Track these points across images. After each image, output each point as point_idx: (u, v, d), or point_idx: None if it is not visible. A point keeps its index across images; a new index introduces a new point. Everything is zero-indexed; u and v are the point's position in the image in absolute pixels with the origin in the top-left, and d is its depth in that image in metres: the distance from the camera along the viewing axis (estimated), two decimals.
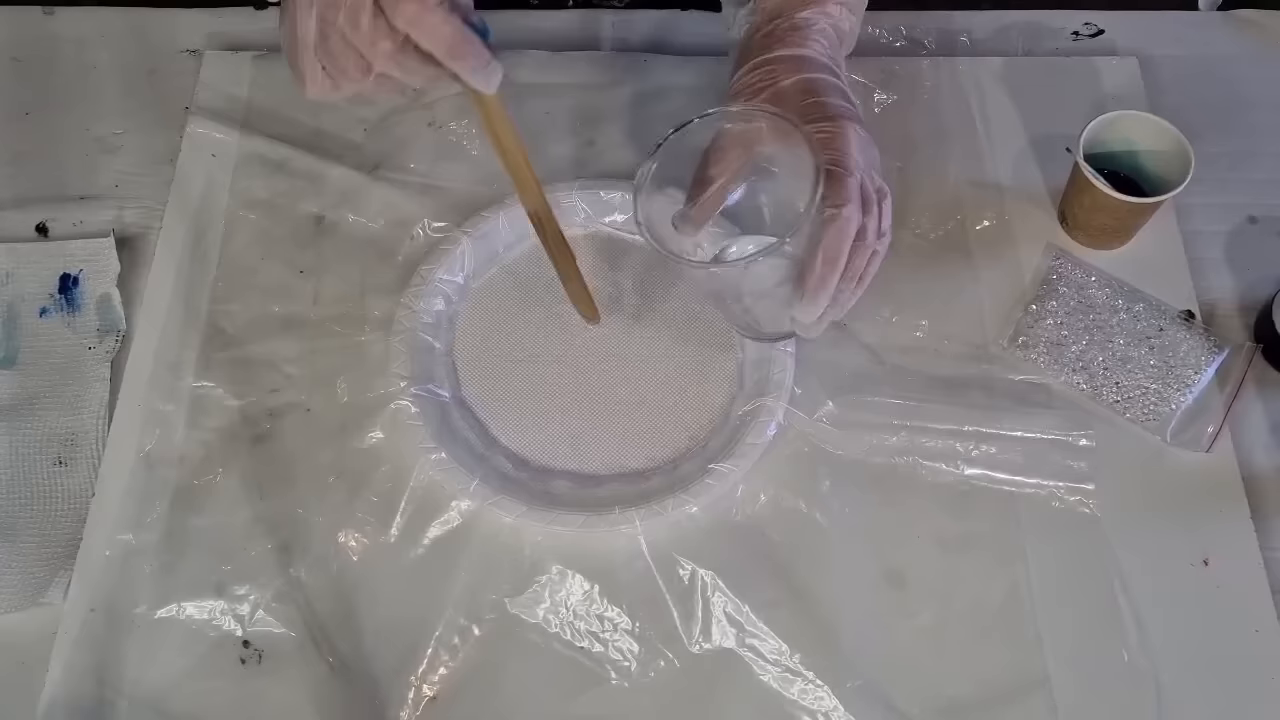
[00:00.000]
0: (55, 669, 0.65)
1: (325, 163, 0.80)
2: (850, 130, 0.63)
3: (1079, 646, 0.65)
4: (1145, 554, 0.67)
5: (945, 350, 0.74)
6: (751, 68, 0.68)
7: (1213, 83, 0.85)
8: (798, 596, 0.66)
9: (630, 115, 0.83)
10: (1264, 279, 0.76)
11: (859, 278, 0.63)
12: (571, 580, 0.67)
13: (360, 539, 0.68)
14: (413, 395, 0.70)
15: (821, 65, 0.67)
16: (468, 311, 0.76)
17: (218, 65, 0.86)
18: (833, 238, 0.60)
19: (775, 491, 0.69)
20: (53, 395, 0.73)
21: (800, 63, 0.67)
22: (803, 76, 0.66)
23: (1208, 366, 0.72)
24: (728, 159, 0.66)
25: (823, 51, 0.68)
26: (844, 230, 0.60)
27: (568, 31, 0.89)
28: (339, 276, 0.77)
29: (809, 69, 0.67)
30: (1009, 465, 0.69)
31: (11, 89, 0.86)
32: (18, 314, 0.76)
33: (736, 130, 0.65)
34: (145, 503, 0.69)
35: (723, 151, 0.66)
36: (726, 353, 0.74)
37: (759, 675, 0.64)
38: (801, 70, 0.67)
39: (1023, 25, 0.89)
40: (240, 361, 0.74)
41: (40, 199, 0.81)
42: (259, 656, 0.65)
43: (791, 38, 0.68)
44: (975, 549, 0.68)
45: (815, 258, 0.61)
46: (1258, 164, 0.81)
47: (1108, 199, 0.72)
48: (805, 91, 0.65)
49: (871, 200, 0.63)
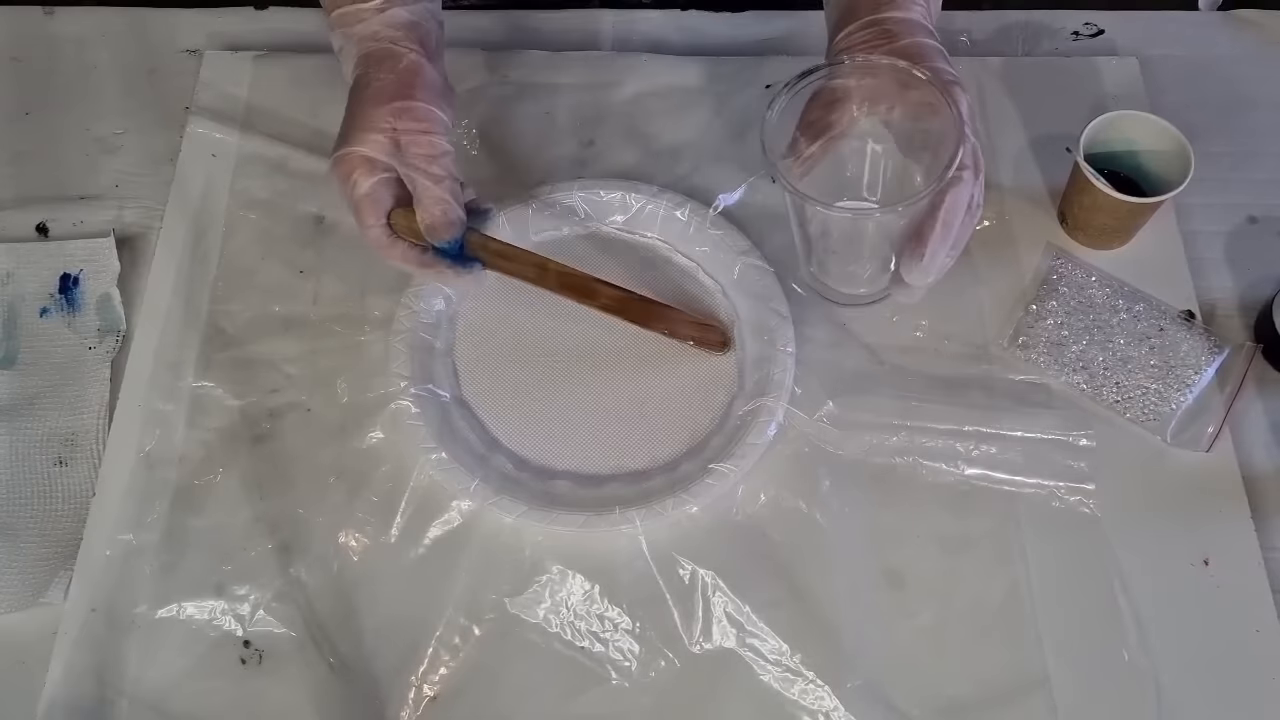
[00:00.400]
0: (55, 669, 0.65)
1: (325, 162, 0.80)
2: (961, 97, 0.64)
3: (1079, 646, 0.65)
4: (1145, 554, 0.67)
5: (945, 350, 0.74)
6: (862, 25, 0.67)
7: (1213, 83, 0.85)
8: (798, 596, 0.66)
9: (630, 115, 0.83)
10: (1264, 279, 0.76)
11: (959, 246, 0.64)
12: (572, 580, 0.67)
13: (360, 539, 0.68)
14: (413, 395, 0.70)
15: (928, 30, 0.67)
16: (468, 311, 0.76)
17: (218, 65, 0.86)
18: (952, 200, 0.61)
19: (775, 491, 0.69)
20: (53, 395, 0.73)
21: (912, 26, 0.67)
22: (916, 40, 0.66)
23: (1208, 366, 0.72)
24: (840, 110, 0.65)
25: (925, 15, 0.68)
26: (963, 194, 0.62)
27: (568, 31, 0.89)
28: (339, 276, 0.77)
29: (920, 33, 0.66)
30: (1009, 465, 0.69)
31: (11, 89, 0.86)
32: (18, 314, 0.76)
33: (851, 84, 0.65)
34: (145, 503, 0.69)
35: (835, 103, 0.65)
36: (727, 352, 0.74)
37: (759, 675, 0.64)
38: (914, 33, 0.66)
39: (1023, 25, 0.89)
40: (240, 361, 0.74)
41: (40, 199, 0.81)
42: (259, 656, 0.65)
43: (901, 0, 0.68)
44: (975, 549, 0.68)
45: (935, 218, 0.61)
46: (1258, 164, 0.81)
47: (1108, 199, 0.72)
48: (919, 55, 0.65)
49: (981, 169, 0.64)
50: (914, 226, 0.63)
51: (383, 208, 0.67)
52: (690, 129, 0.82)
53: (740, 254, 0.75)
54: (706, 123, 0.82)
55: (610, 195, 0.77)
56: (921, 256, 0.62)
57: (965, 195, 0.62)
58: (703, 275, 0.77)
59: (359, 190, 0.66)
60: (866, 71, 0.65)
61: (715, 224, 0.76)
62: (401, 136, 0.65)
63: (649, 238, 0.78)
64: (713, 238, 0.76)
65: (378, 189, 0.67)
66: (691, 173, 0.80)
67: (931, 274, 0.64)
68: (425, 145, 0.66)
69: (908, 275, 0.64)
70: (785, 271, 0.75)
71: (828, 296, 0.74)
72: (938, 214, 0.62)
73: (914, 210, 0.62)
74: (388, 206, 0.68)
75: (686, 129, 0.82)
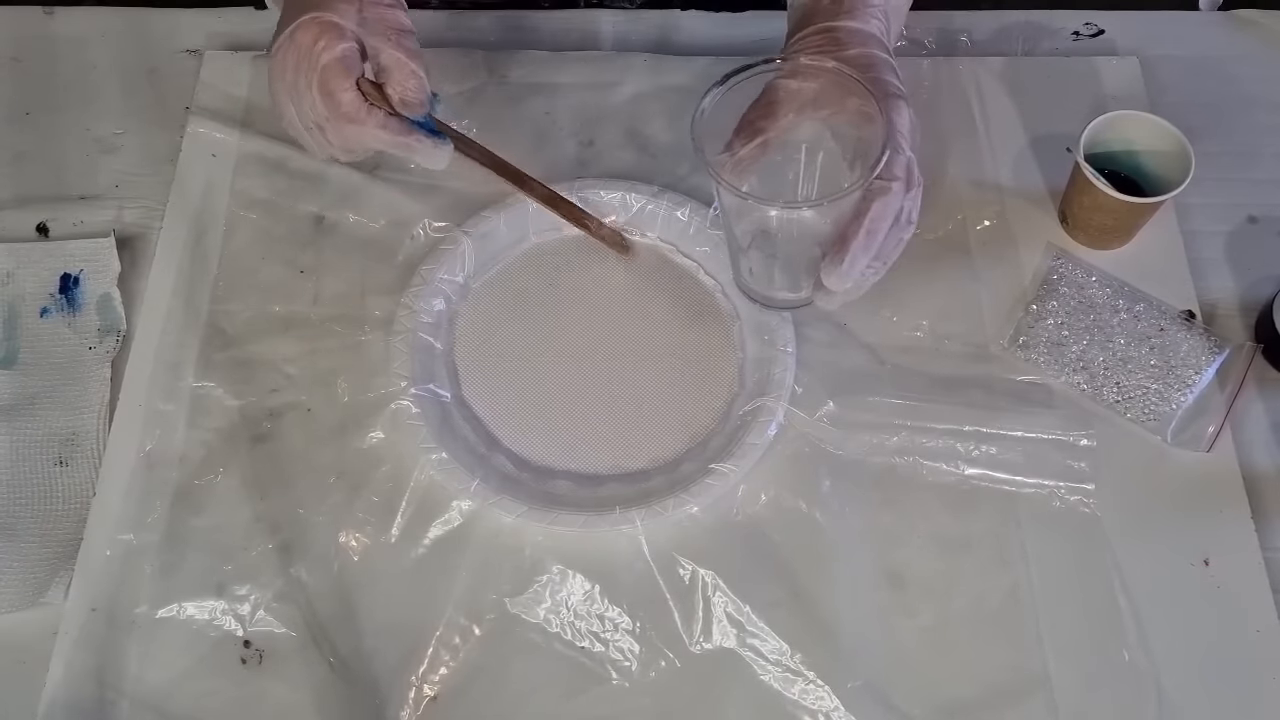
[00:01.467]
0: (56, 669, 0.65)
1: (325, 162, 0.80)
2: (904, 110, 0.64)
3: (1079, 646, 0.65)
4: (1145, 554, 0.67)
5: (945, 350, 0.74)
6: (815, 31, 0.68)
7: (1213, 83, 0.85)
8: (798, 596, 0.66)
9: (630, 115, 0.83)
10: (1264, 279, 0.76)
11: (885, 258, 0.64)
12: (572, 580, 0.67)
13: (361, 539, 0.68)
14: (413, 395, 0.70)
15: (879, 43, 0.68)
16: (468, 311, 0.76)
17: (218, 65, 0.86)
18: (880, 208, 0.61)
19: (776, 491, 0.69)
20: (53, 395, 0.73)
21: (864, 36, 0.67)
22: (866, 50, 0.66)
23: (1208, 366, 0.72)
24: (779, 113, 0.65)
25: (880, 29, 0.69)
26: (890, 204, 0.61)
27: (568, 31, 0.89)
28: (339, 276, 0.77)
29: (871, 44, 0.67)
30: (1009, 465, 0.69)
31: (11, 89, 0.86)
32: (18, 314, 0.76)
33: (793, 86, 0.65)
34: (145, 503, 0.69)
35: (775, 105, 0.65)
36: (726, 353, 0.74)
37: (759, 675, 0.64)
38: (866, 44, 0.66)
39: (1023, 25, 0.89)
40: (240, 361, 0.74)
41: (40, 199, 0.81)
42: (260, 656, 0.65)
43: (858, 10, 0.68)
44: (975, 549, 0.68)
45: (859, 225, 0.61)
46: (1258, 164, 0.81)
47: (1108, 199, 0.72)
48: (866, 65, 0.65)
49: (915, 183, 0.64)
50: (839, 231, 0.63)
51: (354, 74, 0.64)
52: None
53: None
54: None
55: (610, 195, 0.77)
56: (842, 261, 0.62)
57: (893, 205, 0.62)
58: (703, 275, 0.77)
59: (328, 55, 0.63)
60: (806, 75, 0.65)
61: (715, 224, 0.76)
62: (367, 9, 0.64)
63: (649, 238, 0.78)
64: (713, 238, 0.76)
65: (349, 54, 0.64)
66: (691, 173, 0.80)
67: (849, 280, 0.63)
68: (394, 19, 0.64)
69: (827, 279, 0.63)
70: None
71: (754, 299, 0.73)
72: (863, 220, 0.61)
73: (839, 212, 0.62)
74: (358, 74, 0.64)
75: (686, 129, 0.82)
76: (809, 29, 0.68)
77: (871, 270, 0.64)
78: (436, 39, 0.87)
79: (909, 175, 0.63)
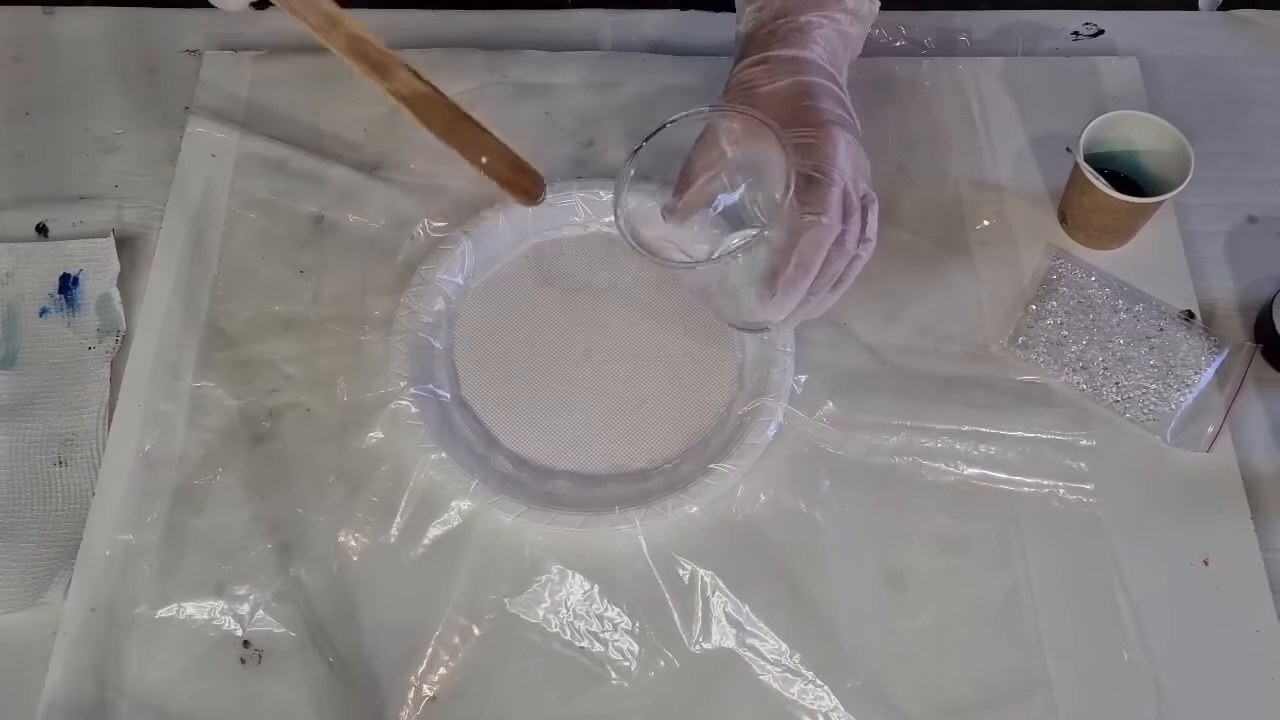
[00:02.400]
0: (55, 669, 0.65)
1: (325, 162, 0.80)
2: (838, 136, 0.63)
3: (1079, 646, 0.65)
4: (1145, 554, 0.67)
5: (945, 350, 0.74)
6: (750, 63, 0.68)
7: (1213, 83, 0.85)
8: (798, 596, 0.66)
9: (630, 115, 0.83)
10: (1264, 279, 0.76)
11: (838, 281, 0.64)
12: (571, 580, 0.67)
13: (360, 539, 0.68)
14: (413, 395, 0.70)
15: (819, 69, 0.68)
16: (467, 311, 0.76)
17: (218, 65, 0.86)
18: (806, 243, 0.61)
19: (775, 491, 0.69)
20: (53, 395, 0.73)
21: (798, 64, 0.67)
22: (799, 79, 0.66)
23: (1208, 366, 0.72)
24: (710, 155, 0.66)
25: (822, 56, 0.68)
26: (818, 237, 0.61)
27: (568, 31, 0.89)
28: (339, 276, 0.77)
29: (806, 71, 0.67)
30: (1009, 465, 0.69)
31: (11, 89, 0.86)
32: (18, 314, 0.76)
33: (723, 127, 0.65)
34: (145, 503, 0.69)
35: (707, 147, 0.66)
36: (726, 353, 0.74)
37: (759, 675, 0.64)
38: (798, 72, 0.67)
39: (1023, 25, 0.89)
40: (240, 361, 0.74)
41: (40, 199, 0.81)
42: (259, 656, 0.65)
43: (793, 38, 0.68)
44: (975, 549, 0.68)
45: (789, 261, 0.61)
46: (1258, 164, 0.81)
47: (1108, 199, 0.72)
48: (799, 94, 0.66)
49: (854, 208, 0.63)
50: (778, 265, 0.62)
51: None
52: None
53: None
54: None
55: (610, 195, 0.77)
56: (772, 294, 0.61)
57: (824, 238, 0.61)
58: None
59: None
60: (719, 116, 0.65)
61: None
62: None
63: None
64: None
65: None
66: None
67: (786, 312, 0.63)
68: None
69: (764, 312, 0.63)
70: None
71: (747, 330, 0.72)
72: (790, 255, 0.61)
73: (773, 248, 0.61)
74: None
75: None
76: (747, 59, 0.69)
77: (818, 298, 0.64)
78: (436, 39, 0.87)
79: (846, 204, 0.62)
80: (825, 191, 0.61)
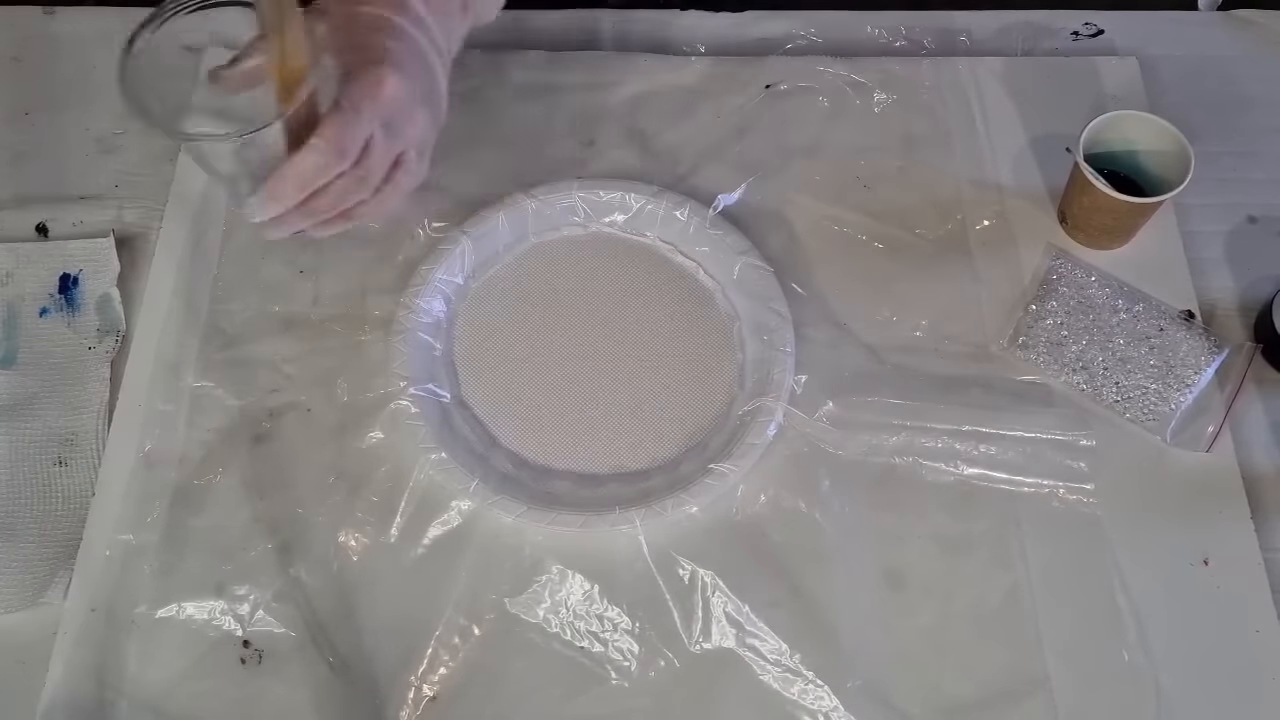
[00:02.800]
0: (55, 669, 0.65)
1: None
2: (387, 78, 0.60)
3: (1079, 646, 0.65)
4: (1145, 554, 0.67)
5: (945, 350, 0.74)
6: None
7: (1213, 83, 0.85)
8: (798, 596, 0.66)
9: (630, 115, 0.83)
10: (1264, 279, 0.76)
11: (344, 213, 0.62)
12: (571, 580, 0.67)
13: (360, 539, 0.68)
14: (413, 395, 0.70)
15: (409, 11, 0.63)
16: (468, 311, 0.76)
17: None
18: (291, 164, 0.58)
19: (775, 491, 0.69)
20: (53, 395, 0.73)
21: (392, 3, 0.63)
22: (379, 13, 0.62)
23: (1208, 366, 0.72)
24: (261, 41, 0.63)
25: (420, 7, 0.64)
26: (302, 160, 0.58)
27: (568, 31, 0.89)
28: (339, 276, 0.77)
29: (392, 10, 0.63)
30: (1009, 465, 0.69)
31: (11, 89, 0.86)
32: (18, 314, 0.76)
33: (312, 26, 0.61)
34: (145, 503, 0.69)
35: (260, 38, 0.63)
36: (726, 353, 0.74)
37: (759, 675, 0.64)
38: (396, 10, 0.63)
39: (1023, 25, 0.89)
40: (240, 361, 0.74)
41: (40, 199, 0.81)
42: (259, 656, 0.65)
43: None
44: (975, 549, 0.68)
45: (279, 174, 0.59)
46: (1258, 164, 0.81)
47: (1108, 199, 0.72)
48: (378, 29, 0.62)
49: (374, 154, 0.60)
50: None
51: None
52: (690, 129, 0.82)
53: (740, 254, 0.75)
54: (706, 123, 0.82)
55: (610, 195, 0.77)
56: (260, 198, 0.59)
57: (303, 162, 0.58)
58: (703, 275, 0.77)
59: None
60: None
61: (715, 224, 0.76)
62: None
63: (649, 238, 0.78)
64: (712, 238, 0.76)
65: None
66: (691, 173, 0.80)
67: (263, 216, 0.60)
68: None
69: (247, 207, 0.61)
70: (785, 272, 0.75)
71: None
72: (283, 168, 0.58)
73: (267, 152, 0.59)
74: None
75: (686, 129, 0.82)
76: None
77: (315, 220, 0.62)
78: None
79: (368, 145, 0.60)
80: (333, 122, 0.59)
